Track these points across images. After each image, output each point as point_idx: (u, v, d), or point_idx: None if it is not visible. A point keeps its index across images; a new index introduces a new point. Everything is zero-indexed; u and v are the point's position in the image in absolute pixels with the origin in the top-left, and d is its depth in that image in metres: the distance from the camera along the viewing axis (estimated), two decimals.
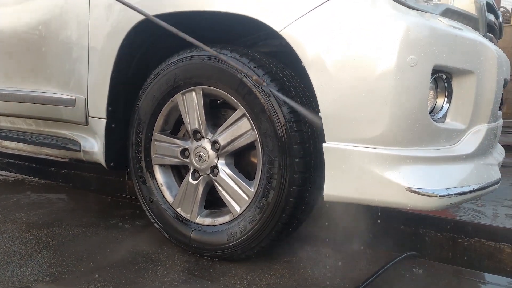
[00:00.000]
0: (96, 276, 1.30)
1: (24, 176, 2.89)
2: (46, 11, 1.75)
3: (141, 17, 1.46)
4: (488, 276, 1.43)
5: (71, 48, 1.68)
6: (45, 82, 1.80)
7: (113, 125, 1.63)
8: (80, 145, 1.72)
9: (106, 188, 2.49)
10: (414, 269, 1.44)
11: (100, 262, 1.41)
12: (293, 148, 1.25)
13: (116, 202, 2.21)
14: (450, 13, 1.31)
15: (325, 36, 1.15)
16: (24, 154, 2.93)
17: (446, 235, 1.68)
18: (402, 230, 1.72)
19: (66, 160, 2.78)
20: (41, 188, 2.51)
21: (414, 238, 1.70)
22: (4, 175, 2.89)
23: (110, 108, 1.61)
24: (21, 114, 1.94)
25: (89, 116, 1.67)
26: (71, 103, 1.70)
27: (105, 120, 1.62)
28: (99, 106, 1.62)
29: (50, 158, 2.84)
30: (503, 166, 1.49)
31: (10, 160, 3.08)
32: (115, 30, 1.53)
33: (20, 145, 1.95)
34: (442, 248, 1.67)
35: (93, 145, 1.68)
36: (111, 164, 1.66)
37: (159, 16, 1.43)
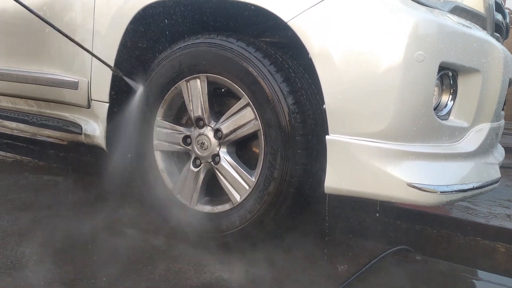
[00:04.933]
0: (95, 258, 1.31)
1: (23, 157, 2.88)
2: None
3: (148, 2, 1.45)
4: (482, 274, 1.45)
5: (75, 30, 1.66)
6: (48, 63, 1.79)
7: (115, 109, 1.63)
8: (81, 128, 1.71)
9: (105, 172, 2.48)
10: (406, 263, 1.46)
11: (99, 243, 1.41)
12: (296, 139, 1.25)
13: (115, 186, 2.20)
14: (459, 10, 1.31)
15: (333, 28, 1.15)
16: (24, 135, 2.92)
17: (441, 232, 1.69)
18: (398, 225, 1.74)
19: (65, 143, 2.77)
20: (40, 170, 2.51)
21: (409, 233, 1.71)
22: (2, 155, 2.88)
23: (113, 92, 1.61)
24: (23, 95, 1.93)
25: (91, 100, 1.66)
26: (74, 85, 1.69)
27: (107, 104, 1.61)
28: (102, 89, 1.61)
29: (50, 140, 2.84)
30: (501, 167, 1.50)
31: (9, 141, 3.07)
32: (120, 14, 1.52)
33: (21, 126, 1.94)
34: (437, 244, 1.68)
35: (95, 129, 1.68)
36: (112, 148, 1.66)
37: (163, 2, 1.42)
